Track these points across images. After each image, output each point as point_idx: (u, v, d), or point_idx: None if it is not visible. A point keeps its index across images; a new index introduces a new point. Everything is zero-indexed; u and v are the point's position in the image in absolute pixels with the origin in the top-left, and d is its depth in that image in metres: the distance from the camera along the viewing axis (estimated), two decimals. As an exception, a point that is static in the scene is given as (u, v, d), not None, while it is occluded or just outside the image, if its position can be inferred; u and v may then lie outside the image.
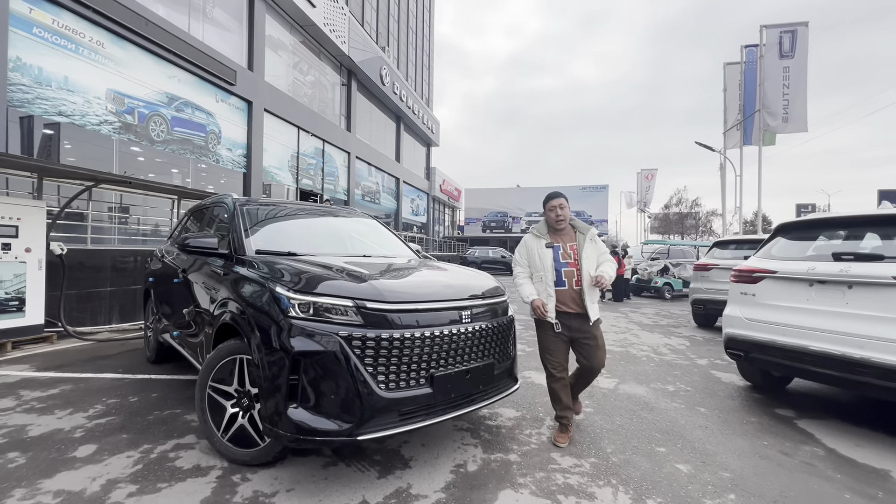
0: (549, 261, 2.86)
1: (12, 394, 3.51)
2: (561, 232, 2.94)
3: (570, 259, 2.87)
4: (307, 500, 2.12)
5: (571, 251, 2.88)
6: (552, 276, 2.84)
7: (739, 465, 2.63)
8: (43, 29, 7.61)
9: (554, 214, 2.92)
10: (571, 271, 2.86)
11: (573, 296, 2.86)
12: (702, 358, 5.42)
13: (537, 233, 3.01)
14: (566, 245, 2.90)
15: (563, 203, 2.92)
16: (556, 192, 2.97)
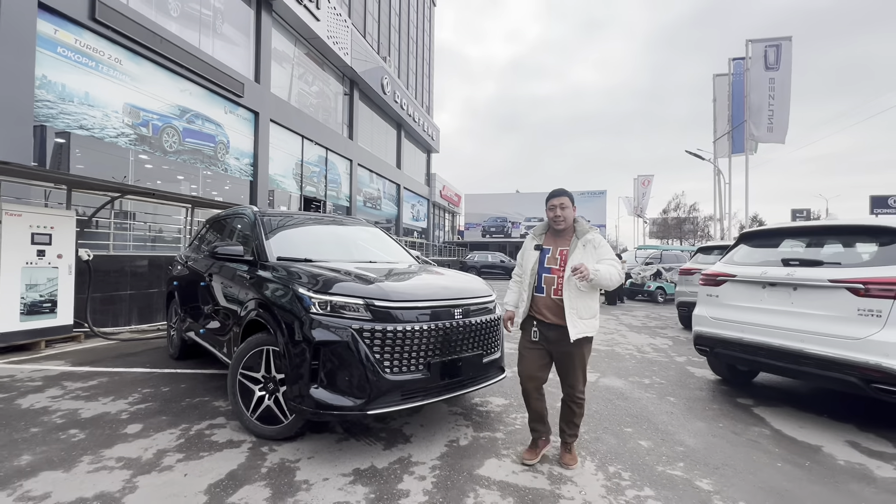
0: (532, 263, 2.65)
1: (57, 384, 3.95)
2: (560, 234, 2.66)
3: (556, 264, 2.59)
4: (325, 464, 2.55)
5: (560, 256, 2.59)
6: (531, 280, 2.64)
7: (694, 441, 3.06)
8: (66, 48, 8.11)
9: (553, 214, 2.64)
10: (553, 278, 2.58)
11: (550, 305, 2.58)
12: (681, 356, 5.85)
13: (534, 233, 2.80)
14: (557, 249, 2.62)
15: (564, 202, 2.61)
16: (560, 189, 2.66)
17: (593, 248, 2.55)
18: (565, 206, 2.62)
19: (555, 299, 2.57)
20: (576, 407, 2.64)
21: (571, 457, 2.64)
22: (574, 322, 2.48)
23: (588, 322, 2.53)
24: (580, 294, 2.52)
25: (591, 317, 2.55)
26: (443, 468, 2.56)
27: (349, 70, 18.81)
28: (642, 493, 2.34)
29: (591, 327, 2.55)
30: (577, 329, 2.48)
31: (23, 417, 3.14)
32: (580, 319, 2.50)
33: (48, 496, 2.15)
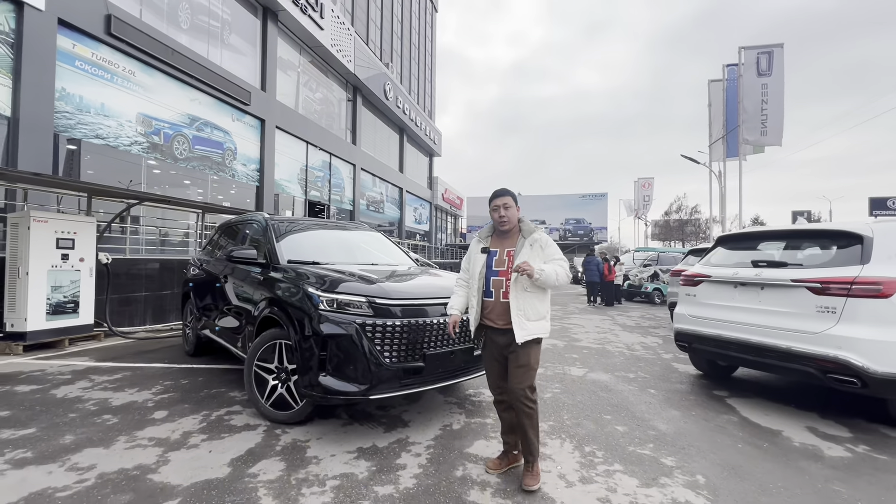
0: (479, 267, 2.57)
1: (85, 378, 4.30)
2: (505, 235, 2.60)
3: (504, 266, 2.51)
4: (332, 444, 2.88)
5: (507, 257, 2.51)
6: (479, 285, 2.54)
7: (666, 427, 3.36)
8: (84, 62, 8.52)
9: (497, 215, 2.56)
10: (500, 280, 2.50)
11: (499, 309, 2.49)
12: (668, 353, 6.14)
13: (479, 235, 2.70)
14: (504, 250, 2.54)
15: (508, 202, 2.55)
16: (503, 189, 2.60)
17: (540, 247, 2.49)
18: (509, 206, 2.55)
19: (503, 302, 2.47)
20: (524, 415, 2.43)
21: (532, 476, 2.41)
22: (521, 324, 2.40)
23: (536, 324, 2.44)
24: (527, 295, 2.44)
25: (538, 319, 2.45)
26: (436, 447, 2.88)
27: (352, 77, 19.22)
28: (612, 468, 2.66)
29: (539, 329, 2.45)
30: (524, 331, 2.39)
31: (60, 405, 3.49)
32: (528, 321, 2.41)
33: (94, 467, 2.49)
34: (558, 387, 4.36)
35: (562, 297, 15.77)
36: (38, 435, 2.90)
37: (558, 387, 4.36)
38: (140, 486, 2.30)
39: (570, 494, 2.34)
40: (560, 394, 4.15)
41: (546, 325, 2.51)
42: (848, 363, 3.17)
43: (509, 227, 2.58)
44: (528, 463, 2.49)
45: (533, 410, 2.45)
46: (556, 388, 4.29)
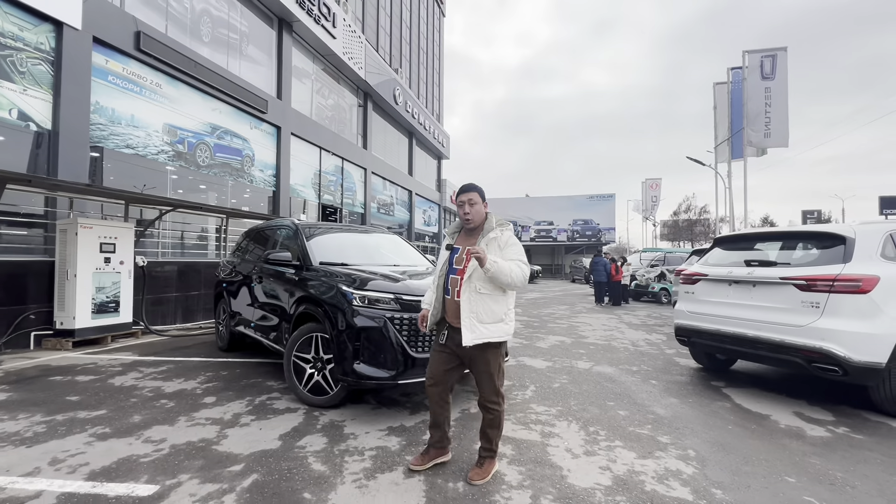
0: (442, 264, 2.54)
1: (134, 370, 4.74)
2: (471, 233, 2.54)
3: (461, 265, 2.43)
4: (365, 423, 3.26)
5: (466, 255, 2.39)
6: (440, 282, 2.52)
7: (664, 412, 3.70)
8: (116, 76, 9.04)
9: (462, 211, 2.51)
10: (457, 279, 2.43)
11: (454, 308, 2.41)
12: (671, 349, 6.45)
13: (448, 232, 2.65)
14: (465, 248, 2.44)
15: (473, 198, 2.47)
16: (470, 184, 2.54)
17: (498, 246, 2.40)
18: (474, 203, 2.47)
19: (457, 301, 2.39)
20: (488, 414, 2.44)
21: (479, 472, 2.41)
22: (472, 326, 2.30)
23: (490, 327, 2.33)
24: (480, 296, 2.34)
25: (494, 321, 2.35)
26: (457, 426, 3.25)
27: (363, 83, 19.69)
28: (613, 444, 3.01)
29: (495, 332, 2.34)
30: (473, 334, 2.29)
31: (120, 392, 3.92)
32: (479, 324, 2.31)
33: (165, 440, 2.90)
34: (566, 378, 4.71)
35: (570, 297, 16.06)
36: (109, 415, 3.33)
37: (566, 378, 4.71)
38: (208, 454, 2.70)
39: (575, 464, 2.70)
40: (568, 384, 4.49)
41: (505, 328, 2.39)
42: (830, 353, 3.48)
43: (474, 225, 2.51)
44: (482, 458, 2.48)
45: (497, 413, 2.43)
46: (564, 379, 4.64)
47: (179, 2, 10.96)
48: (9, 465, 2.51)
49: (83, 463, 2.55)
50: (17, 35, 7.36)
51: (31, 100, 7.52)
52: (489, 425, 2.49)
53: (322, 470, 2.53)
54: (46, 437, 2.91)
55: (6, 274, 5.61)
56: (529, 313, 10.58)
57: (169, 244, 10.23)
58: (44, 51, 7.74)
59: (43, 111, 7.72)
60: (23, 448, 2.74)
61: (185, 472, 2.48)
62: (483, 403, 2.49)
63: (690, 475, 2.57)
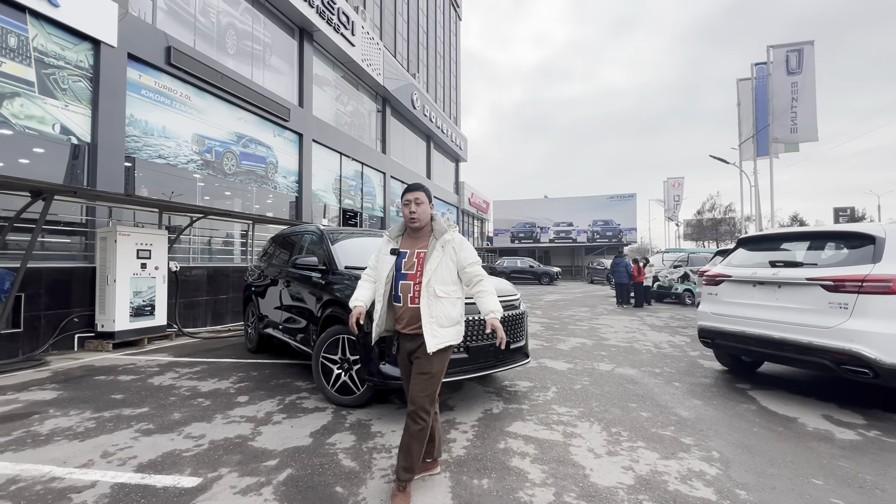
0: (387, 270, 2.36)
1: (171, 370, 4.98)
2: (417, 234, 2.42)
3: (413, 269, 2.32)
4: (391, 422, 3.37)
5: (417, 259, 2.33)
6: (386, 289, 2.35)
7: (687, 414, 3.69)
8: (148, 90, 9.47)
9: (407, 210, 2.39)
10: (409, 285, 2.32)
11: (409, 315, 2.32)
12: (695, 351, 6.37)
13: (390, 234, 2.47)
14: (414, 252, 2.35)
15: (419, 197, 2.38)
16: (416, 183, 2.45)
17: (453, 250, 2.34)
18: (420, 202, 2.38)
19: (412, 308, 2.30)
20: (416, 425, 2.23)
21: (404, 496, 2.21)
22: (434, 332, 2.24)
23: (449, 331, 2.30)
24: (439, 300, 2.28)
25: (452, 324, 2.31)
26: (480, 426, 3.33)
27: (381, 89, 20.00)
28: (635, 445, 3.03)
29: (452, 336, 2.32)
30: (436, 339, 2.24)
31: (159, 391, 4.14)
32: (440, 328, 2.26)
33: (204, 436, 3.07)
34: (587, 380, 4.72)
35: (591, 298, 15.91)
36: (151, 413, 3.53)
37: (587, 380, 4.72)
38: (245, 449, 2.85)
39: (597, 463, 2.74)
40: (589, 385, 4.51)
41: (460, 330, 2.37)
42: (860, 355, 3.42)
43: (420, 226, 2.40)
44: (402, 482, 2.23)
45: (425, 424, 2.24)
46: (585, 381, 4.66)
47: (206, 16, 11.40)
48: (65, 458, 2.71)
49: (131, 456, 2.74)
50: (59, 54, 7.81)
51: (71, 115, 7.96)
52: (415, 438, 2.22)
53: (352, 466, 2.65)
54: (96, 432, 3.12)
55: (52, 280, 5.96)
56: (550, 315, 10.57)
57: (199, 250, 10.62)
58: (83, 68, 8.18)
59: (83, 125, 8.15)
60: (76, 442, 2.95)
61: (224, 465, 2.63)
62: (416, 413, 2.23)
63: (714, 476, 2.59)
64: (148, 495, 2.29)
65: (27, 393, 4.06)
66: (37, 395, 3.98)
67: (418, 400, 2.25)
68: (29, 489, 2.33)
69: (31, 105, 7.39)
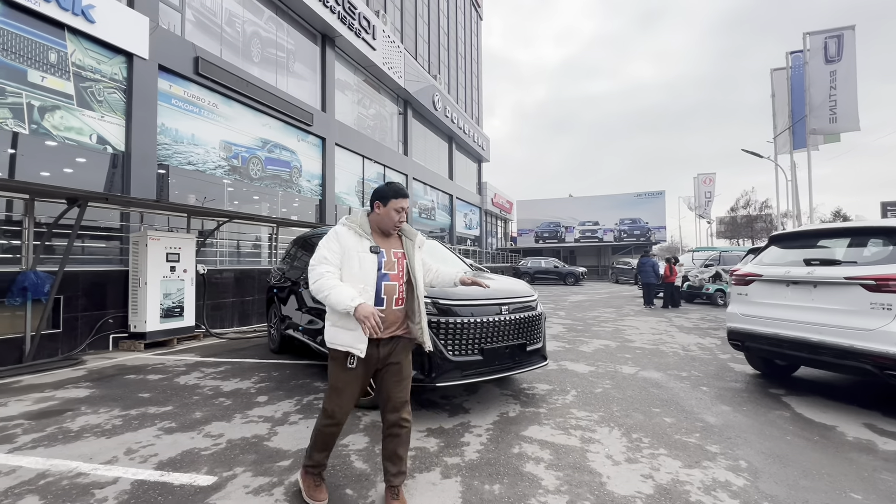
0: (374, 270, 2.18)
1: (197, 370, 5.13)
2: (386, 236, 2.32)
3: (395, 270, 2.25)
4: (405, 424, 3.36)
5: (396, 259, 2.27)
6: (375, 290, 2.18)
7: (714, 420, 3.52)
8: (178, 99, 9.84)
9: (398, 218, 2.26)
10: (393, 286, 2.23)
11: (391, 318, 2.21)
12: (725, 354, 6.09)
13: (359, 228, 2.24)
14: (391, 251, 2.27)
15: (406, 205, 2.30)
16: (405, 189, 2.31)
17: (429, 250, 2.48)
18: (407, 210, 2.32)
19: (396, 310, 2.23)
20: (401, 429, 2.22)
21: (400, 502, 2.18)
22: (426, 330, 2.29)
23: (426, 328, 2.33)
24: (421, 301, 2.32)
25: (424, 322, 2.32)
26: (495, 430, 3.27)
27: (403, 91, 20.15)
28: (657, 452, 2.91)
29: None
30: (426, 337, 2.29)
31: (184, 390, 4.27)
32: (426, 328, 2.31)
33: (222, 435, 3.14)
34: (609, 383, 4.58)
35: (617, 299, 15.53)
36: (175, 411, 3.64)
37: (609, 383, 4.58)
38: (260, 449, 2.90)
39: (615, 471, 2.64)
40: (611, 389, 4.38)
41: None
42: (906, 360, 3.18)
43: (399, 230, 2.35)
44: (395, 488, 2.20)
45: (409, 426, 2.25)
46: (607, 384, 4.52)
47: (232, 26, 11.76)
48: (92, 454, 2.82)
49: (153, 454, 2.82)
50: (95, 68, 8.21)
51: (107, 125, 8.35)
52: (402, 443, 2.22)
53: (363, 468, 2.64)
54: (122, 429, 3.24)
55: (89, 283, 6.25)
56: (573, 316, 10.36)
57: (226, 252, 10.95)
58: (117, 80, 8.57)
59: (117, 135, 8.54)
60: (103, 439, 3.06)
61: (239, 465, 2.67)
62: (401, 418, 2.22)
63: (741, 487, 2.45)
64: (165, 493, 2.34)
65: (63, 391, 4.26)
66: (71, 393, 4.17)
67: (401, 405, 2.24)
68: (56, 484, 2.43)
69: (70, 117, 7.80)
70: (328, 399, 2.24)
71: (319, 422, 2.27)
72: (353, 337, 2.12)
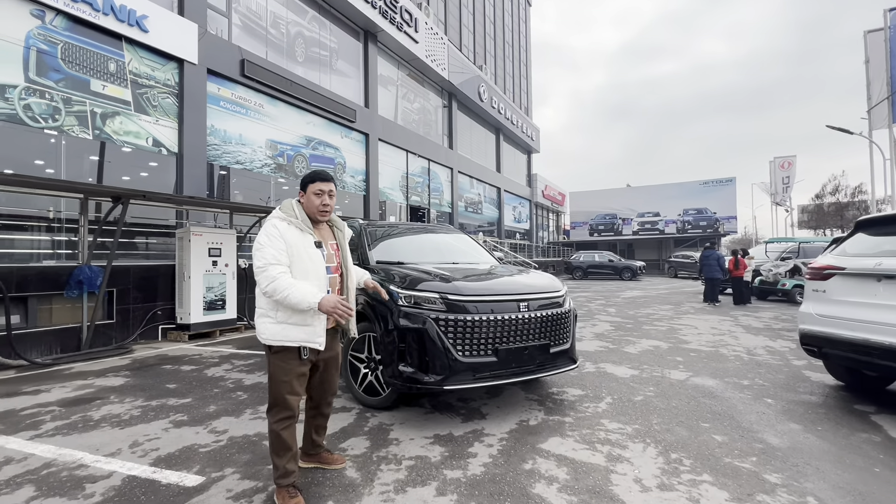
0: (322, 264, 2.20)
1: (228, 361, 5.24)
2: (318, 226, 2.31)
3: (334, 262, 2.30)
4: (412, 429, 3.12)
5: (333, 251, 2.32)
6: (326, 285, 2.21)
7: (778, 441, 2.95)
8: (226, 101, 10.28)
9: (320, 202, 2.23)
10: (335, 278, 2.28)
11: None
12: (800, 360, 5.26)
13: (300, 222, 2.19)
14: (327, 243, 2.31)
15: (332, 189, 2.27)
16: (327, 173, 2.32)
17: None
18: (333, 194, 2.27)
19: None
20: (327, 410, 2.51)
21: (339, 456, 2.58)
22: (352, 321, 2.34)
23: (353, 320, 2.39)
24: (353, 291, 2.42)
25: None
26: (509, 440, 2.94)
27: (447, 83, 19.89)
28: (699, 478, 2.44)
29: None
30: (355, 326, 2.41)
31: (209, 382, 4.33)
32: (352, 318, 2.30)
33: (226, 431, 3.08)
34: (652, 390, 4.06)
35: (676, 295, 14.33)
36: (192, 404, 3.66)
37: (652, 390, 4.06)
38: (257, 450, 2.79)
39: (643, 498, 2.23)
40: (653, 397, 3.87)
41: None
42: None
43: (327, 217, 2.33)
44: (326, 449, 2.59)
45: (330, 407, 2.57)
46: (649, 391, 4.01)
47: (277, 28, 12.10)
48: (100, 444, 2.85)
49: (155, 448, 2.80)
50: (150, 75, 8.73)
51: (161, 129, 8.87)
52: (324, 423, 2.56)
53: (354, 477, 2.44)
54: (137, 420, 3.29)
55: (140, 276, 6.64)
56: (623, 314, 9.61)
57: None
58: (170, 85, 9.07)
59: (171, 137, 9.05)
60: (116, 429, 3.11)
61: (231, 465, 2.57)
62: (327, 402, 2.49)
63: (805, 533, 1.95)
64: (150, 492, 2.28)
65: (102, 379, 4.48)
66: (108, 382, 4.38)
67: (331, 393, 2.49)
68: (56, 475, 2.46)
69: (128, 122, 8.34)
70: (279, 395, 2.20)
71: (273, 423, 2.19)
72: (308, 332, 2.15)
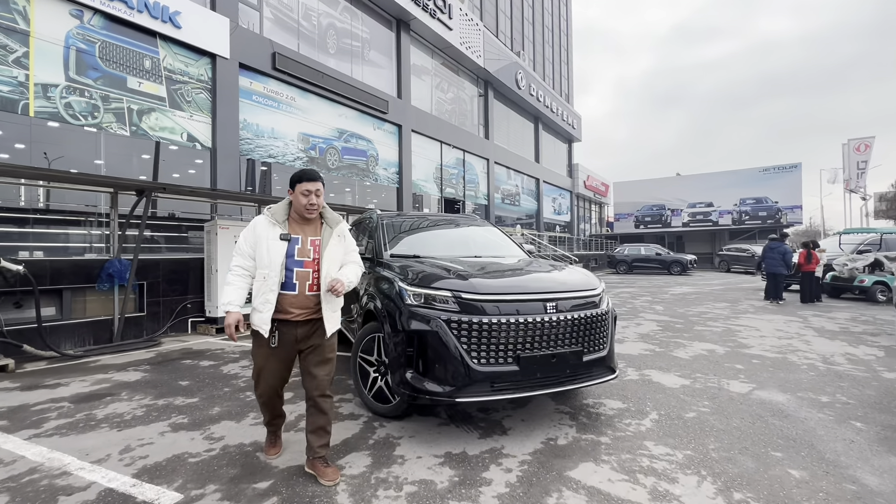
0: (280, 257, 2.29)
1: (246, 357, 5.11)
2: (307, 222, 2.41)
3: (310, 257, 2.35)
4: (422, 444, 2.76)
5: (312, 247, 2.36)
6: (279, 277, 2.28)
7: (876, 481, 2.34)
8: (258, 95, 10.31)
9: (307, 201, 2.33)
10: (307, 273, 2.33)
11: (303, 302, 2.33)
12: (893, 371, 4.44)
13: (273, 217, 2.36)
14: (307, 239, 2.37)
15: (320, 189, 2.37)
16: (316, 171, 2.43)
17: (344, 240, 2.50)
18: (320, 194, 2.39)
19: (310, 295, 2.35)
20: (326, 407, 2.40)
21: (333, 470, 2.35)
22: (330, 318, 2.39)
23: (338, 314, 2.48)
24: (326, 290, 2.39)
25: (338, 309, 2.49)
26: (532, 464, 2.51)
27: (482, 71, 19.28)
28: (773, 531, 1.92)
29: (339, 320, 2.51)
30: (332, 325, 2.40)
31: (221, 379, 4.18)
32: (333, 314, 2.42)
33: (222, 438, 2.85)
34: (707, 405, 3.48)
35: (732, 291, 13.12)
36: (197, 404, 3.49)
37: (707, 405, 3.48)
38: (247, 462, 2.53)
39: (698, 558, 1.74)
40: (708, 414, 3.29)
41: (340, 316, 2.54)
42: None
43: (315, 215, 2.43)
44: (324, 458, 2.38)
45: (330, 403, 2.44)
46: (703, 407, 3.43)
47: (308, 20, 12.02)
48: (91, 448, 2.70)
49: (144, 455, 2.61)
50: (184, 71, 8.83)
51: (195, 123, 8.98)
52: (327, 419, 2.40)
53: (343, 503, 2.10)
54: (138, 421, 3.14)
55: (169, 270, 6.69)
56: (672, 312, 8.79)
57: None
58: (203, 81, 9.16)
59: (204, 132, 9.15)
60: (114, 431, 2.97)
61: (215, 481, 2.32)
62: (320, 396, 2.37)
63: None
64: (121, 510, 2.05)
65: (121, 373, 4.45)
66: (126, 376, 4.33)
67: (324, 384, 2.39)
68: (35, 484, 2.30)
69: (163, 118, 8.49)
70: (255, 371, 2.49)
71: (256, 396, 2.57)
72: (260, 318, 2.34)
